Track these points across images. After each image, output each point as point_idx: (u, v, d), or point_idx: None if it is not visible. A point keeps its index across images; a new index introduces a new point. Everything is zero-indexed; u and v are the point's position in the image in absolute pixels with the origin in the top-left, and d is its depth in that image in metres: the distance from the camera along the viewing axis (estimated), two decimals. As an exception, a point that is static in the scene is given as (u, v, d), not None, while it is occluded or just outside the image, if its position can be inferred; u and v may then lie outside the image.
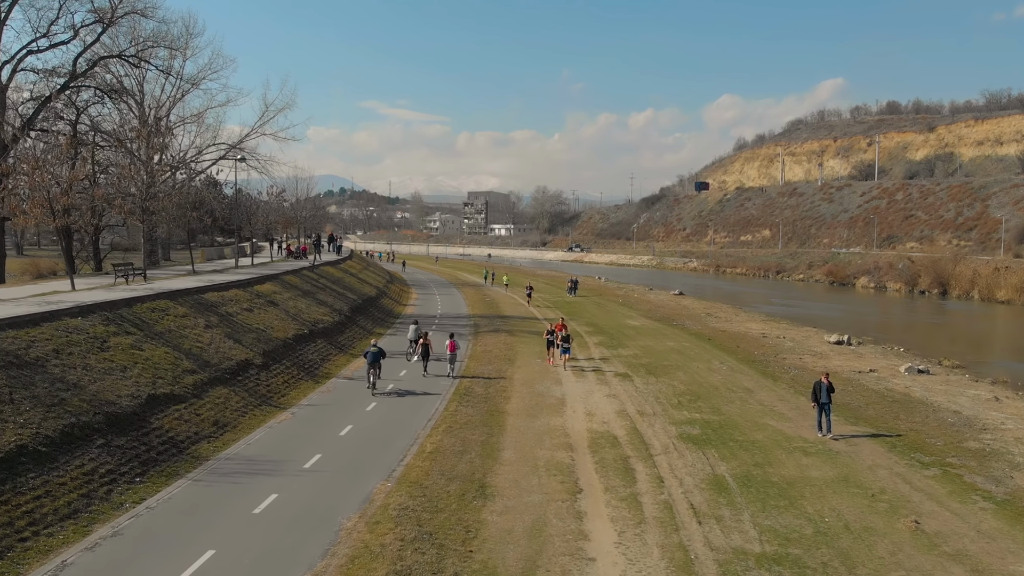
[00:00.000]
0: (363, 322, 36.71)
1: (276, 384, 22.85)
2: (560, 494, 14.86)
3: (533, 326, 39.89)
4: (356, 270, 54.27)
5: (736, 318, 47.16)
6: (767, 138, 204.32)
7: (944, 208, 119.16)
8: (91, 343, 18.86)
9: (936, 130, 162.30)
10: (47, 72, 44.20)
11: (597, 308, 50.39)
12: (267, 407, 20.86)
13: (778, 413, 21.96)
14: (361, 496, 14.46)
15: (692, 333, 38.89)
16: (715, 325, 42.83)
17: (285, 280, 35.92)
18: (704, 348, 33.78)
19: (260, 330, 26.48)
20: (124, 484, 14.47)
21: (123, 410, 16.75)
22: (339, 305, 36.74)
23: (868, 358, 33.06)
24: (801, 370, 29.15)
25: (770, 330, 41.51)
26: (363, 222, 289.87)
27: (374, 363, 22.87)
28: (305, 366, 25.78)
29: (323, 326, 31.38)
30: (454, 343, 27.19)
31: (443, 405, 21.92)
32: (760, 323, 45.21)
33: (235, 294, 29.18)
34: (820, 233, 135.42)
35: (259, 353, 24.23)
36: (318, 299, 35.63)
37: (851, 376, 28.33)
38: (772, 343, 36.22)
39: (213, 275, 34.03)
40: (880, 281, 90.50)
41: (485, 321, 41.56)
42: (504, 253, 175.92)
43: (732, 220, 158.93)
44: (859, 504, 14.76)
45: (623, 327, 40.49)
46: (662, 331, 39.21)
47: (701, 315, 47.90)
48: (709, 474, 16.32)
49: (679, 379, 26.50)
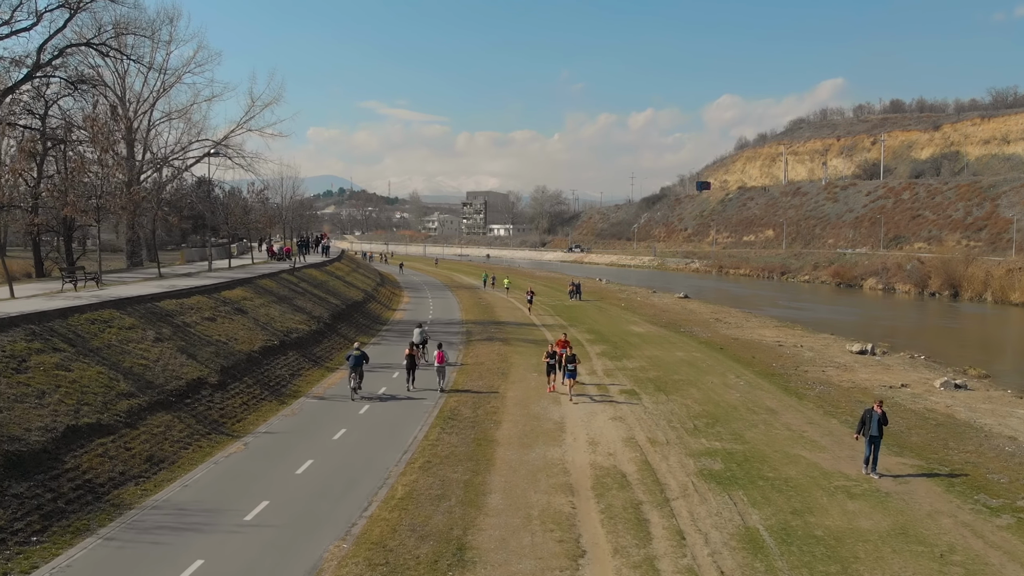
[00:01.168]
0: (345, 330, 33.77)
1: (232, 407, 19.92)
2: (558, 558, 11.94)
3: (530, 333, 36.99)
4: (344, 272, 51.33)
5: (747, 324, 44.24)
6: (769, 137, 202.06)
7: (952, 208, 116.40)
8: (3, 364, 15.92)
9: (941, 128, 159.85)
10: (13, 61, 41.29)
11: (599, 313, 47.46)
12: (217, 436, 17.93)
13: (809, 441, 19.05)
14: (307, 566, 11.53)
15: (702, 341, 35.95)
16: (726, 332, 39.90)
17: (259, 284, 33.00)
18: (717, 359, 30.85)
19: (221, 342, 23.55)
20: (14, 547, 11.55)
21: (29, 447, 13.82)
22: (319, 311, 33.80)
23: (897, 370, 30.15)
24: (827, 386, 26.23)
25: (785, 337, 38.62)
26: (361, 222, 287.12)
27: (356, 367, 22.25)
28: (270, 384, 22.84)
29: (297, 336, 28.44)
30: (443, 354, 24.58)
31: (423, 431, 19.00)
32: (773, 329, 42.29)
33: (197, 301, 26.24)
34: (825, 233, 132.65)
35: (216, 370, 21.30)
36: (295, 305, 32.70)
37: (883, 393, 25.41)
38: (790, 353, 33.31)
39: (181, 279, 31.13)
40: (888, 282, 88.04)
41: (479, 328, 38.65)
42: (503, 254, 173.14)
43: (735, 220, 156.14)
44: (927, 570, 11.86)
45: (627, 334, 37.56)
46: (669, 339, 36.28)
47: (709, 320, 44.99)
48: (739, 526, 13.40)
49: (692, 397, 23.58)
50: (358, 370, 22.31)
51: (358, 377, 22.35)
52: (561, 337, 27.22)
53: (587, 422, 20.37)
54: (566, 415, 21.08)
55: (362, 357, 22.66)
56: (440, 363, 24.50)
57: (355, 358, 22.45)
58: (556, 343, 26.22)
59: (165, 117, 51.70)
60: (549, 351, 24.83)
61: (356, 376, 22.30)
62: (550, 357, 24.36)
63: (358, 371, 22.31)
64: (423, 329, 30.52)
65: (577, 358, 23.62)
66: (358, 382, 22.41)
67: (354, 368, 22.27)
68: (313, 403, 21.82)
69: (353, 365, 22.32)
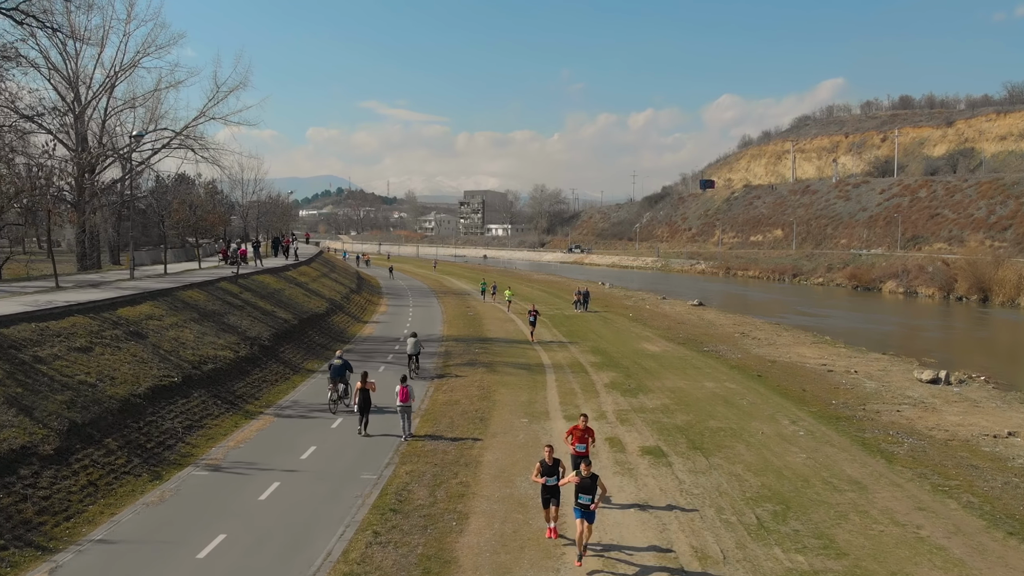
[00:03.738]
0: (290, 353, 27.07)
1: (64, 495, 13.22)
2: None
3: (522, 355, 30.34)
4: (308, 278, 44.52)
5: (779, 339, 37.52)
6: (773, 135, 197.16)
7: (974, 206, 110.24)
8: None
9: (955, 124, 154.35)
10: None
11: (603, 325, 40.75)
12: (15, 552, 11.27)
13: (934, 547, 12.41)
14: None
15: (733, 366, 29.26)
16: (758, 351, 33.21)
17: (181, 297, 26.29)
18: (758, 393, 24.17)
19: (86, 385, 16.84)
20: None
21: None
22: (257, 330, 27.06)
23: (989, 409, 23.53)
24: (915, 436, 19.57)
25: (830, 358, 31.99)
26: (356, 222, 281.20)
27: (337, 378, 20.54)
28: (144, 448, 16.09)
29: (213, 367, 21.71)
30: (406, 390, 18.33)
31: (343, 542, 12.25)
32: (812, 347, 35.54)
33: (73, 324, 19.53)
34: (837, 233, 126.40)
35: (59, 431, 14.62)
36: (224, 324, 25.96)
37: (990, 448, 18.85)
38: (845, 382, 26.67)
39: (81, 291, 24.45)
40: (910, 286, 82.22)
41: (461, 348, 31.99)
42: (501, 254, 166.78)
43: (741, 219, 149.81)
44: None
45: (640, 355, 30.89)
46: (692, 362, 29.60)
47: (734, 335, 38.31)
48: None
49: (743, 459, 16.93)
50: (338, 381, 20.48)
51: (340, 389, 20.50)
52: (578, 423, 14.25)
53: (599, 517, 13.64)
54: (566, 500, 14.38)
55: (344, 367, 20.81)
56: (403, 402, 18.27)
57: (336, 368, 20.73)
58: (569, 432, 14.32)
59: (125, 105, 45.33)
60: (545, 456, 12.38)
61: (336, 388, 20.44)
62: (547, 472, 12.19)
63: (340, 382, 20.49)
64: (417, 339, 25.78)
65: (598, 480, 11.64)
66: (340, 395, 20.51)
67: (334, 379, 20.48)
68: (200, 479, 15.10)
69: (333, 376, 20.54)
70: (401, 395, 18.46)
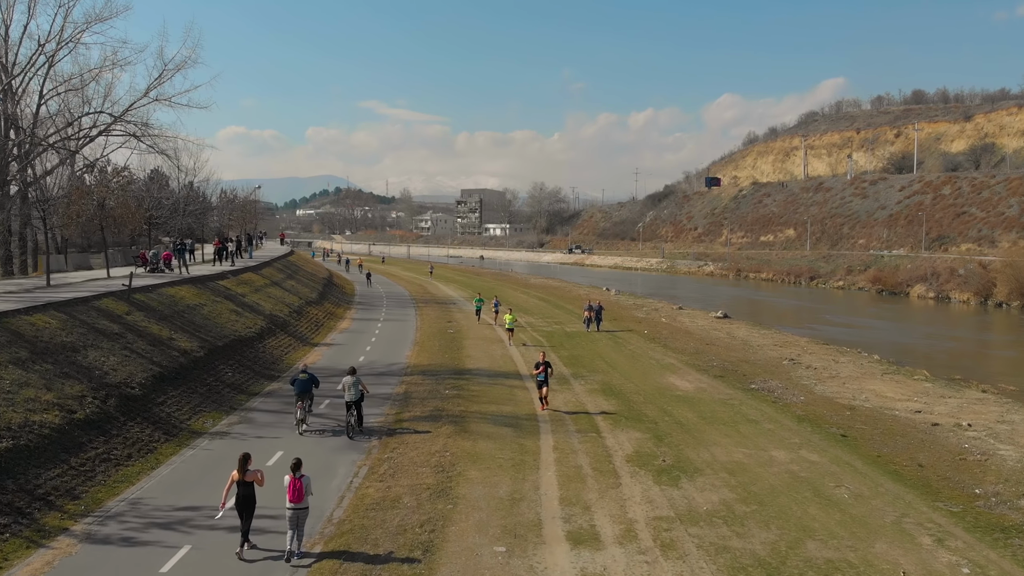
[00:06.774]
0: (173, 403, 18.90)
1: None
2: None
3: (508, 399, 22.32)
4: (250, 288, 36.22)
5: (840, 369, 29.24)
6: (780, 131, 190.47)
7: (1004, 204, 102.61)
8: None
9: (973, 119, 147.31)
10: None
11: (615, 348, 32.61)
12: None
13: None
14: None
15: (800, 416, 21.06)
16: (821, 389, 25.05)
17: (14, 325, 18.14)
18: (855, 471, 16.05)
19: None
20: None
21: None
22: (126, 371, 18.87)
23: None
24: None
25: (917, 397, 23.93)
26: (351, 222, 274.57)
27: (303, 394, 18.49)
28: None
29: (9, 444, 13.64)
30: (300, 484, 11.47)
31: None
32: (889, 382, 27.16)
33: None
34: (854, 233, 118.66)
35: None
36: (73, 363, 17.76)
37: None
38: (967, 445, 18.60)
39: None
40: (941, 290, 75.07)
41: (426, 386, 23.95)
42: (498, 255, 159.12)
43: (750, 218, 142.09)
44: None
45: (668, 398, 22.81)
46: (743, 411, 21.45)
47: (781, 361, 30.18)
48: None
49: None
50: (305, 397, 18.63)
51: (306, 406, 18.69)
52: None
53: None
54: None
55: (311, 381, 18.78)
56: (294, 502, 11.42)
57: (301, 383, 18.73)
58: None
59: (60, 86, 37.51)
60: None
61: (303, 405, 18.60)
62: None
63: (306, 398, 18.64)
64: (356, 378, 18.13)
65: None
66: (305, 412, 18.69)
67: (300, 396, 18.58)
68: None
69: (299, 392, 18.64)
70: (291, 491, 11.35)
